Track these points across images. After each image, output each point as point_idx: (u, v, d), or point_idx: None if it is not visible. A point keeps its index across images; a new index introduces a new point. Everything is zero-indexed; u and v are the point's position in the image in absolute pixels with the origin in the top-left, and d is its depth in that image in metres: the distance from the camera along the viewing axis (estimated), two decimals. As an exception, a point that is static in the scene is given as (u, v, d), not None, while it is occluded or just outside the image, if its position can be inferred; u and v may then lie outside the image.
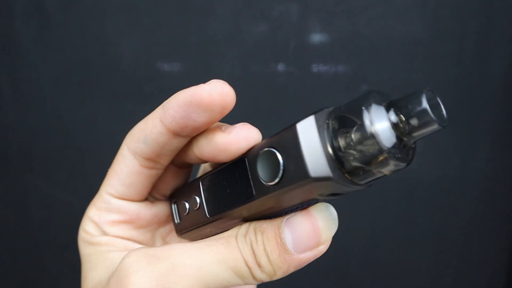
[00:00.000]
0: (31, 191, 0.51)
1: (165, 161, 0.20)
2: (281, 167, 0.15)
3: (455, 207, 0.51)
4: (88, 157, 0.49)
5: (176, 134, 0.18)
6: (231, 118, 0.19)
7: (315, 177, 0.14)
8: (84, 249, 0.21)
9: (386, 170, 0.15)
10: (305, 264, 0.17)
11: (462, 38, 0.45)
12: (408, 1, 0.44)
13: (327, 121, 0.15)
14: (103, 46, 0.46)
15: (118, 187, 0.20)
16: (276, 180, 0.16)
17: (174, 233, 0.23)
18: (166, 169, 0.21)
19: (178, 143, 0.19)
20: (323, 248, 0.17)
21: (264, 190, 0.16)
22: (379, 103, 0.15)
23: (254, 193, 0.17)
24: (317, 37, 0.45)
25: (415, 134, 0.14)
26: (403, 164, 0.15)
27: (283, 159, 0.15)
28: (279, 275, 0.17)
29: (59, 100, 0.48)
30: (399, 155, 0.14)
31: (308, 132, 0.15)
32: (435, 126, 0.14)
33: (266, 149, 0.16)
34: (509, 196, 0.50)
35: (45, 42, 0.46)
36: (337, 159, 0.15)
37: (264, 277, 0.17)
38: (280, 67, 0.46)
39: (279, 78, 0.46)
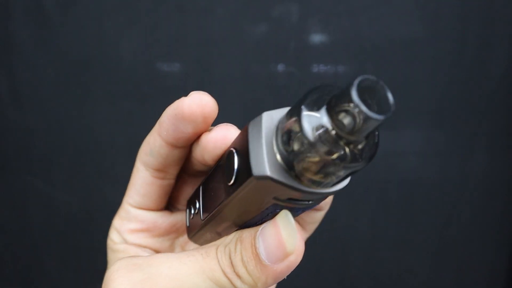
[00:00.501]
0: (29, 191, 0.51)
1: (173, 170, 0.21)
2: (235, 167, 0.15)
3: (454, 208, 0.50)
4: (87, 158, 0.49)
5: (173, 145, 0.19)
6: (232, 119, 0.19)
7: (256, 175, 0.14)
8: (108, 256, 0.22)
9: (338, 175, 0.14)
10: (284, 276, 0.17)
11: (462, 38, 0.45)
12: (408, 2, 0.44)
13: (279, 120, 0.14)
14: (102, 46, 0.45)
15: (135, 197, 0.22)
16: (232, 180, 0.15)
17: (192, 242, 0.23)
18: (183, 179, 0.22)
19: (179, 153, 0.20)
20: (293, 258, 0.16)
21: (228, 192, 0.16)
22: (316, 103, 0.13)
23: (223, 194, 0.17)
24: (317, 38, 0.45)
25: (359, 131, 0.12)
26: (357, 165, 0.13)
27: (237, 158, 0.15)
28: (260, 286, 0.17)
29: (57, 101, 0.47)
30: (349, 157, 0.13)
31: (255, 130, 0.14)
32: (373, 121, 0.12)
33: (229, 149, 0.16)
34: (508, 197, 0.50)
35: (43, 42, 0.46)
36: (284, 161, 0.14)
37: None
38: (280, 67, 0.45)
39: (279, 78, 0.46)
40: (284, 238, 0.16)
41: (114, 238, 0.22)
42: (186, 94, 0.19)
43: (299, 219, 0.22)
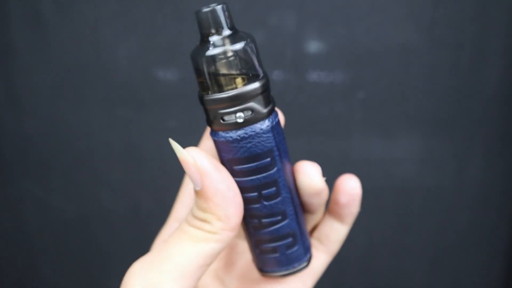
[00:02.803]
0: (25, 197, 0.50)
1: None
2: None
3: (450, 215, 0.50)
4: (83, 164, 0.49)
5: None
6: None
7: None
8: None
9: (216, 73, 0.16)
10: (222, 192, 0.17)
11: (458, 47, 0.45)
12: (404, 10, 0.44)
13: None
14: (99, 52, 0.46)
15: (181, 210, 0.22)
16: None
17: (234, 254, 0.24)
18: None
19: None
20: (200, 164, 0.17)
21: None
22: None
23: None
24: (314, 45, 0.45)
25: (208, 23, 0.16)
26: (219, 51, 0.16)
27: None
28: (220, 215, 0.17)
29: (54, 106, 0.47)
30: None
31: None
32: (204, 13, 0.16)
33: None
34: (504, 205, 0.50)
35: (41, 47, 0.46)
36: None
37: (219, 225, 0.17)
38: (277, 74, 0.46)
39: (276, 85, 0.46)
40: (178, 155, 0.17)
41: None
42: (182, 101, 0.19)
43: (323, 238, 0.23)
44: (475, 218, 0.51)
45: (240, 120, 0.16)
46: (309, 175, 0.19)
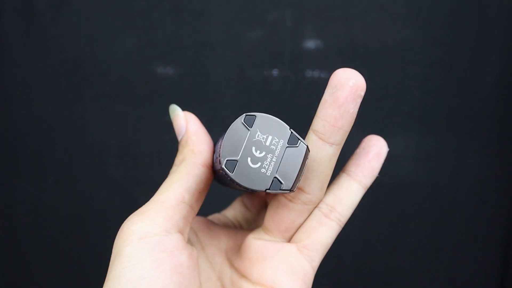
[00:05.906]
0: (17, 195, 0.50)
1: None
2: None
3: (447, 212, 0.51)
4: (77, 161, 0.48)
5: None
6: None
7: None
8: None
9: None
10: (203, 134, 0.22)
11: (455, 45, 0.45)
12: (402, 9, 0.44)
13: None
14: (94, 46, 0.45)
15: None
16: None
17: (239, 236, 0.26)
18: None
19: None
20: (182, 116, 0.23)
21: None
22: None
23: None
24: (312, 43, 0.45)
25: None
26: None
27: None
28: (197, 149, 0.21)
29: (48, 102, 0.47)
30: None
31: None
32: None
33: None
34: (500, 202, 0.51)
35: (34, 41, 0.45)
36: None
37: (193, 158, 0.21)
38: (275, 72, 0.46)
39: (274, 82, 0.46)
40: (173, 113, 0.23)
41: None
42: (180, 97, 0.19)
43: (336, 202, 0.22)
44: (471, 215, 0.51)
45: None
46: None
